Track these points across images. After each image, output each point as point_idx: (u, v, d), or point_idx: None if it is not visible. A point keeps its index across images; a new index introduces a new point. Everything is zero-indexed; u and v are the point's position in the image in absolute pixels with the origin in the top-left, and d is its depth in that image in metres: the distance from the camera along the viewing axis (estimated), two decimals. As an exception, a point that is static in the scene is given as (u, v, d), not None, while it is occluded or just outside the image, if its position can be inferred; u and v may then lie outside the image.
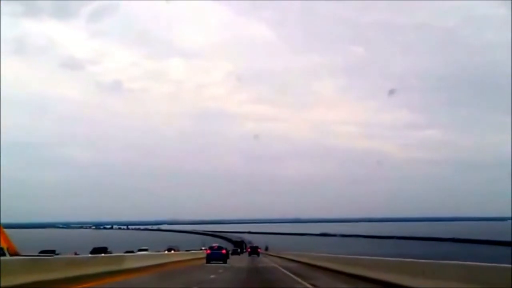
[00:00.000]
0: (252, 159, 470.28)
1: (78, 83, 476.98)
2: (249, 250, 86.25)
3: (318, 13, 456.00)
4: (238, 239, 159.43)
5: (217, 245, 51.64)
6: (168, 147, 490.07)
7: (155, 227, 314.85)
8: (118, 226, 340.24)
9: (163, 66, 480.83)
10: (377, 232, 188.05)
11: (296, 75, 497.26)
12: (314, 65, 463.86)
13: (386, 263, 21.76)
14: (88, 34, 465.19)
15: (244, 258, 65.16)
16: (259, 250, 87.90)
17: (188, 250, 76.46)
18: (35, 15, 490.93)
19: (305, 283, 20.77)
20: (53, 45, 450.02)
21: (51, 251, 54.76)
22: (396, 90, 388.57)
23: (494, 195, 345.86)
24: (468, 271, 13.38)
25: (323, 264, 35.50)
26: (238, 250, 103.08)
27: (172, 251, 70.68)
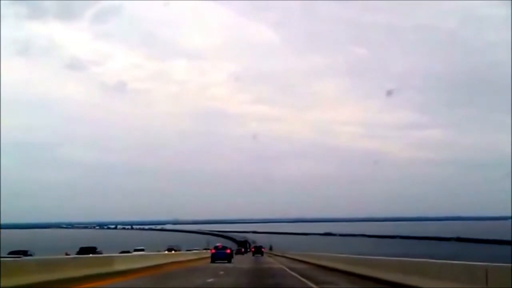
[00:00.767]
0: (256, 159, 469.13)
1: (82, 84, 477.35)
2: (253, 250, 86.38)
3: (320, 14, 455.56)
4: (242, 239, 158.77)
5: (222, 245, 52.59)
6: (172, 147, 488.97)
7: (159, 227, 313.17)
8: (122, 226, 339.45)
9: (167, 67, 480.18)
10: (380, 232, 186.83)
11: (298, 76, 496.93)
12: (316, 66, 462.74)
13: (402, 264, 19.14)
14: (92, 36, 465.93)
15: (248, 258, 62.82)
16: (263, 250, 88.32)
17: (190, 250, 74.09)
18: (40, 17, 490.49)
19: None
20: (57, 47, 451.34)
21: (22, 252, 50.43)
22: (394, 91, 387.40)
23: (495, 195, 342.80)
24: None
25: (333, 265, 32.96)
26: (242, 250, 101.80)
27: (173, 251, 68.26)
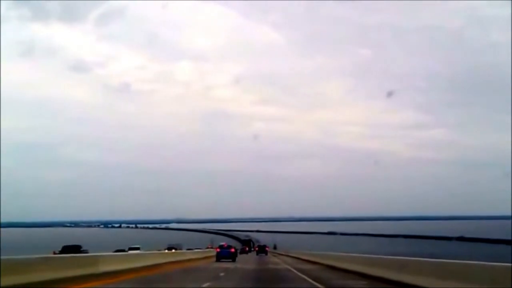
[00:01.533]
0: (260, 159, 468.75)
1: (86, 86, 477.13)
2: (257, 249, 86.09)
3: (323, 15, 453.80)
4: (246, 238, 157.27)
5: (227, 244, 53.52)
6: (176, 147, 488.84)
7: (164, 226, 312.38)
8: (127, 225, 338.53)
9: (170, 68, 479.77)
10: (383, 231, 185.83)
11: (302, 76, 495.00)
12: (321, 67, 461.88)
13: (430, 265, 16.38)
14: (96, 37, 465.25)
15: (252, 257, 60.58)
16: (267, 249, 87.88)
17: (190, 249, 72.11)
18: (43, 19, 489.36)
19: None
20: (61, 48, 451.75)
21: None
22: (394, 92, 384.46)
23: (498, 194, 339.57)
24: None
25: (343, 265, 30.54)
26: (246, 249, 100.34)
27: (173, 250, 66.28)
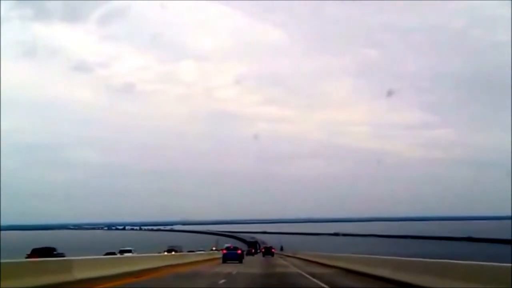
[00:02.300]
0: (264, 160, 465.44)
1: (89, 86, 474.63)
2: (263, 250, 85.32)
3: (329, 15, 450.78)
4: (252, 239, 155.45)
5: (233, 246, 54.85)
6: (180, 148, 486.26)
7: (168, 228, 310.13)
8: (131, 227, 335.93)
9: (175, 69, 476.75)
10: (390, 231, 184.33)
11: (307, 77, 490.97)
12: (325, 67, 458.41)
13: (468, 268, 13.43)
14: (99, 37, 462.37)
15: (258, 260, 57.09)
16: (273, 251, 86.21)
17: (192, 251, 68.41)
18: (45, 19, 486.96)
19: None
20: (64, 48, 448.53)
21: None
22: (395, 91, 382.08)
23: (505, 194, 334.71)
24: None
25: (359, 269, 26.46)
26: (253, 251, 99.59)
27: (173, 252, 62.60)
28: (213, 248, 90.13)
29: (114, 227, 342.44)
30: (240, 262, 43.18)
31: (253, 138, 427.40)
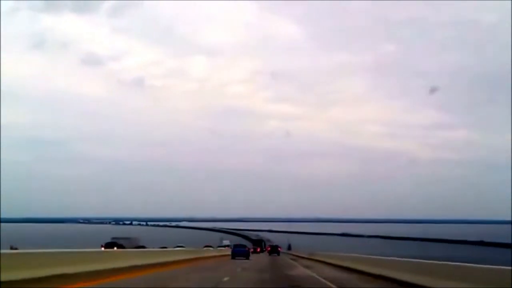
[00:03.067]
0: (274, 158, 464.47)
1: (99, 80, 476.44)
2: (269, 249, 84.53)
3: (347, 10, 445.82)
4: (257, 237, 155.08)
5: (240, 244, 60.85)
6: (190, 145, 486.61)
7: (174, 224, 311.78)
8: (138, 222, 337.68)
9: (186, 64, 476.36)
10: (394, 233, 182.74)
11: (323, 73, 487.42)
12: (342, 63, 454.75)
13: None
14: (109, 30, 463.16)
15: (264, 261, 52.77)
16: (280, 249, 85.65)
17: (164, 247, 60.82)
18: (55, 10, 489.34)
19: None
20: (74, 41, 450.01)
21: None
22: (438, 88, 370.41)
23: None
24: None
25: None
26: (258, 249, 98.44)
27: (115, 248, 53.95)
28: (207, 245, 79.67)
29: (122, 222, 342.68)
30: (247, 259, 47.57)
31: (265, 136, 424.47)
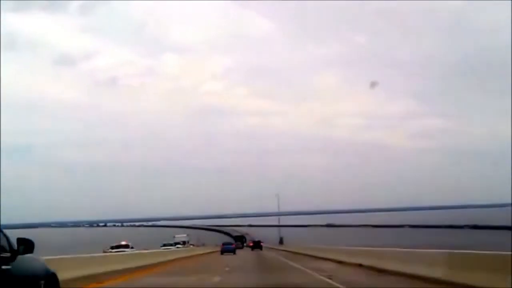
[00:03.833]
0: (252, 154, 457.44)
1: (71, 81, 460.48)
2: (252, 244, 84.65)
3: (316, 3, 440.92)
4: (238, 234, 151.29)
5: (228, 242, 73.94)
6: (166, 144, 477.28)
7: (150, 223, 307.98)
8: (113, 224, 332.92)
9: (159, 62, 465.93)
10: (384, 222, 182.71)
11: (296, 68, 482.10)
12: (314, 57, 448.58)
13: None
14: (80, 30, 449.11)
15: (248, 256, 46.92)
16: (262, 244, 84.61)
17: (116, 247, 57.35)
18: (25, 9, 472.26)
19: None
20: (43, 41, 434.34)
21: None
22: (377, 83, 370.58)
23: (500, 182, 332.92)
24: None
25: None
26: (240, 245, 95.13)
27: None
28: (164, 244, 75.75)
29: (96, 224, 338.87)
30: (234, 253, 56.65)
31: (247, 133, 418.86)
